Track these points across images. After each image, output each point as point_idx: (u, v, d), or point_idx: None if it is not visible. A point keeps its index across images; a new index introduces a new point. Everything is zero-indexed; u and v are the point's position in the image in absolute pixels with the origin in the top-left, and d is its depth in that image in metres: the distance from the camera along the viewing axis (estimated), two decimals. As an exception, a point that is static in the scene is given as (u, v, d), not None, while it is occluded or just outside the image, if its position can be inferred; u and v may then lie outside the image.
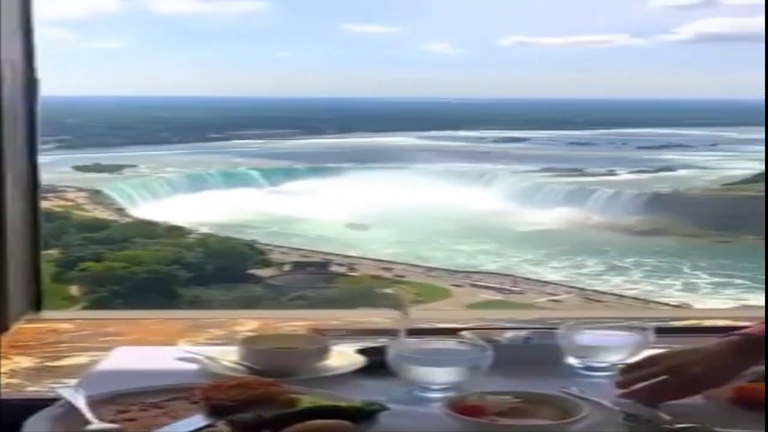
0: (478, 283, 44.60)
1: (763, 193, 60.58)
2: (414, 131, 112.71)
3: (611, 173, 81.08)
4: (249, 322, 3.40)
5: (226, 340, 3.04)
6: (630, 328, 2.44)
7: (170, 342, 3.06)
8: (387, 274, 46.28)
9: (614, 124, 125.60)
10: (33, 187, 3.59)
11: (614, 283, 45.53)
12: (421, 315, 3.59)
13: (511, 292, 43.04)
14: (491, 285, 44.13)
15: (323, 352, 2.53)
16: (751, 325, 2.32)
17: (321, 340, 2.64)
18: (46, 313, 3.62)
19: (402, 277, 45.45)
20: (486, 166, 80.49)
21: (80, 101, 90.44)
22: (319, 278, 45.43)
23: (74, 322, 3.44)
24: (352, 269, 47.51)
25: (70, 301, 36.16)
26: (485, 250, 54.48)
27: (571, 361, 2.47)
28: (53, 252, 41.40)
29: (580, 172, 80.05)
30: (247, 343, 2.59)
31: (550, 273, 47.16)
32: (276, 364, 2.43)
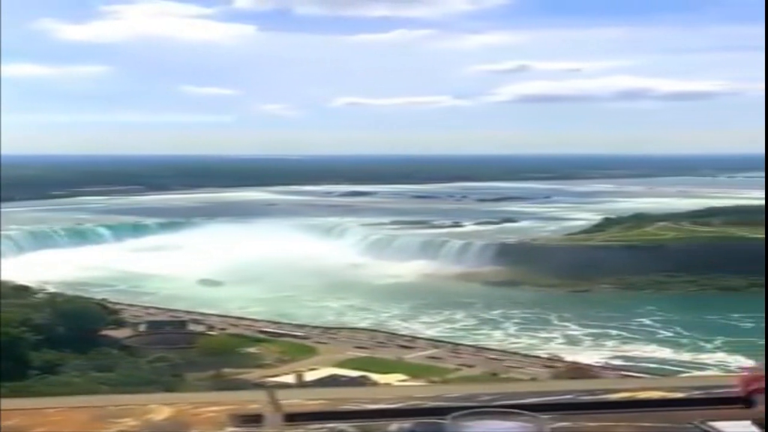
0: (349, 340, 41.87)
1: (606, 243, 59.99)
2: (260, 187, 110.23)
3: (457, 225, 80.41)
4: (162, 409, 2.62)
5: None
6: (524, 417, 2.04)
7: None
8: (248, 333, 43.00)
9: (452, 178, 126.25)
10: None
11: (497, 337, 43.73)
12: (308, 395, 2.70)
13: (381, 347, 40.34)
14: (358, 342, 41.42)
15: None
16: None
17: None
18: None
19: (264, 334, 42.17)
20: (335, 219, 78.45)
21: None
22: (178, 338, 41.76)
23: None
24: (211, 328, 44.02)
25: None
26: (352, 305, 52.04)
27: None
28: None
29: (428, 224, 78.97)
30: None
31: (424, 329, 44.98)
32: None
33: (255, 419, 2.35)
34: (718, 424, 2.35)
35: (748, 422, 2.37)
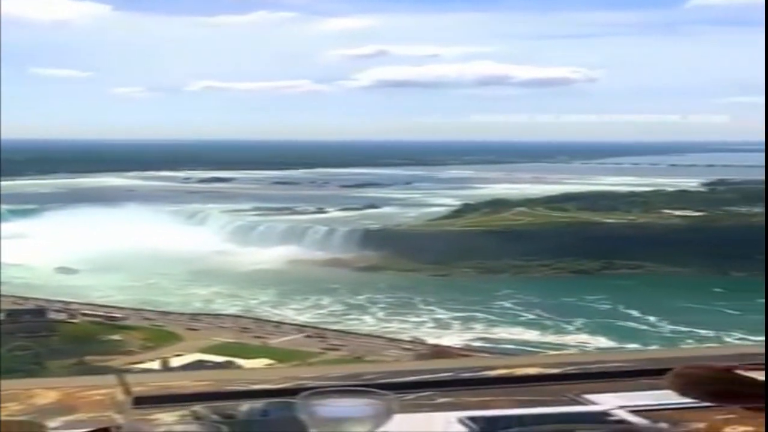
0: (219, 326, 42.13)
1: (465, 229, 61.68)
2: (116, 172, 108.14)
3: (321, 211, 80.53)
4: (47, 393, 2.73)
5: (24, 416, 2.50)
6: (372, 395, 2.19)
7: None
8: (110, 321, 42.76)
9: (313, 164, 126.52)
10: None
11: (369, 322, 44.47)
12: (160, 379, 2.87)
13: (247, 333, 40.80)
14: (225, 327, 41.75)
15: None
16: None
17: (37, 427, 2.22)
18: None
19: (128, 322, 42.06)
20: (195, 206, 77.83)
21: None
22: (38, 326, 41.23)
23: None
24: (72, 316, 43.58)
25: None
26: (219, 292, 52.03)
27: None
28: None
29: (291, 210, 78.92)
30: None
31: (294, 314, 45.43)
32: None
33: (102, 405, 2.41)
34: (590, 396, 2.58)
35: (617, 394, 2.59)
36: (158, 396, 2.58)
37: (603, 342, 43.43)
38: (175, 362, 35.26)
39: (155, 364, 34.69)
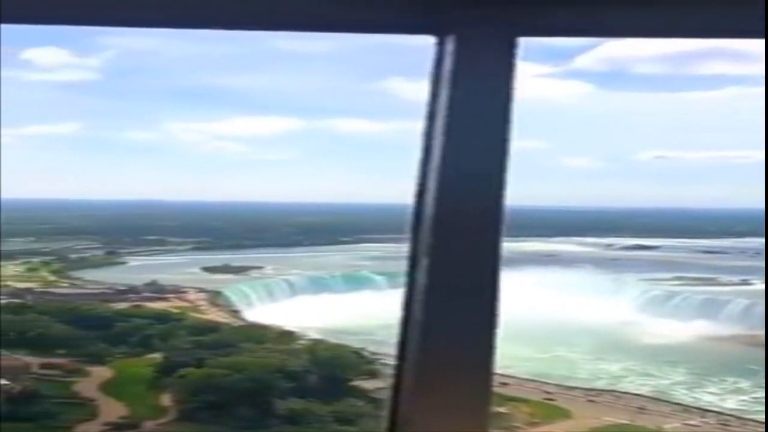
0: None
1: None
2: (539, 237, 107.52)
3: (745, 282, 73.60)
4: None
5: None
6: None
7: None
8: (502, 391, 40.68)
9: (748, 233, 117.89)
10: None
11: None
12: None
13: (642, 413, 37.18)
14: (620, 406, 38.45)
15: None
16: None
17: None
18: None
19: (517, 393, 39.98)
20: (613, 275, 74.33)
21: (233, 206, 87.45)
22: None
23: None
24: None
25: (158, 412, 31.35)
26: (629, 368, 47.67)
27: None
28: (156, 356, 36.93)
29: (713, 281, 72.90)
30: None
31: (714, 399, 40.40)
32: None
33: None
34: None
35: None
36: None
37: None
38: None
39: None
